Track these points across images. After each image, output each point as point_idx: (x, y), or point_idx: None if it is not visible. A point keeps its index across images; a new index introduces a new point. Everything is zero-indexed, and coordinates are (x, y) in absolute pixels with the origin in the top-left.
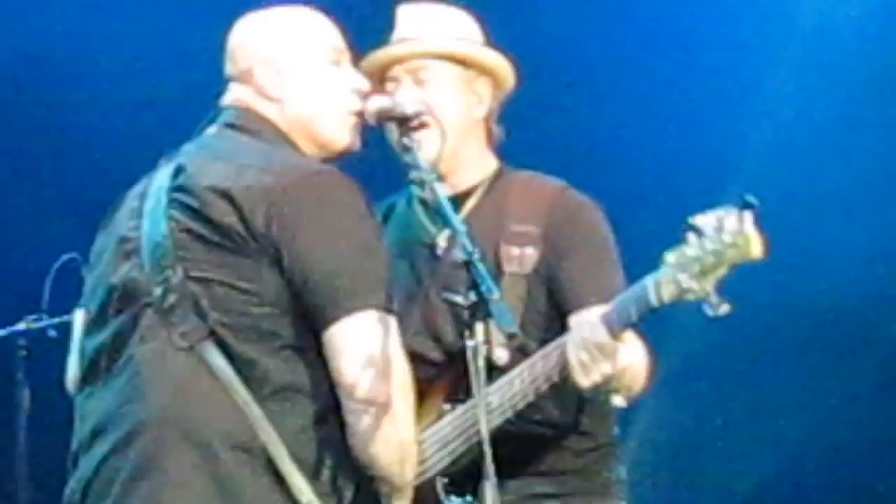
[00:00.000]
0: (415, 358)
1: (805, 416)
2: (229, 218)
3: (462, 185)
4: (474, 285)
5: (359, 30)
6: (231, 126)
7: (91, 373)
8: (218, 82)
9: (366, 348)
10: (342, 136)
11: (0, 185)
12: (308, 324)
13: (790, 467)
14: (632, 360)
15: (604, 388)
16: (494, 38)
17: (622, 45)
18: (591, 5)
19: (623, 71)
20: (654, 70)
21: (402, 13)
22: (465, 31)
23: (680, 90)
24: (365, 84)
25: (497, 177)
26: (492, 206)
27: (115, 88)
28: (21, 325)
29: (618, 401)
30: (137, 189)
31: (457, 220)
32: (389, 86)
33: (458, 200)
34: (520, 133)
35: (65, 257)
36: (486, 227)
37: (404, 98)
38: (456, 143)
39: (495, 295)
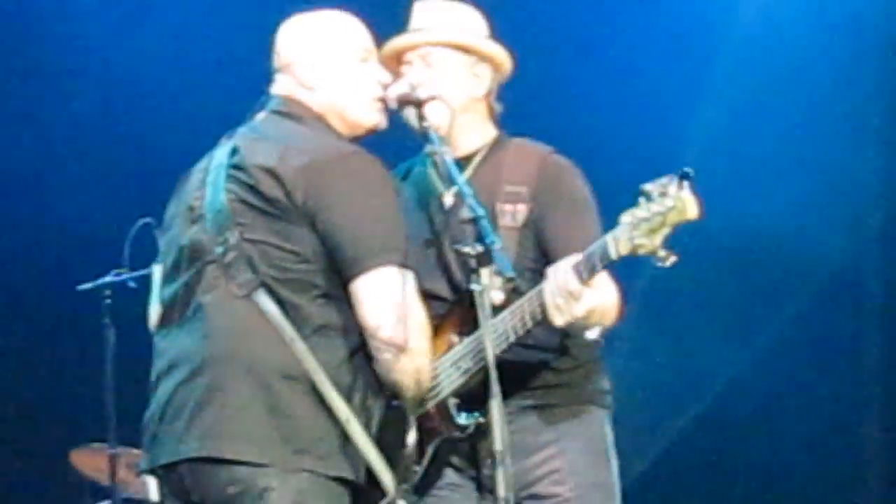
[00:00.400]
0: (430, 297)
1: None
2: (275, 192)
3: (465, 149)
4: (480, 238)
5: (383, 24)
6: (277, 112)
7: (167, 316)
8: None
9: (385, 297)
10: (369, 117)
11: (88, 162)
12: (339, 276)
13: (717, 402)
14: (601, 300)
15: (577, 325)
16: (497, 30)
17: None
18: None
19: (598, 70)
20: (621, 69)
21: (418, 8)
22: (469, 24)
23: (636, 85)
24: (387, 77)
25: (495, 143)
26: (490, 168)
27: (180, 80)
28: (107, 278)
29: (591, 334)
30: (201, 165)
31: (464, 183)
32: (404, 68)
33: (462, 163)
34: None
35: (141, 222)
36: (484, 186)
37: (418, 84)
38: (458, 114)
39: (497, 246)
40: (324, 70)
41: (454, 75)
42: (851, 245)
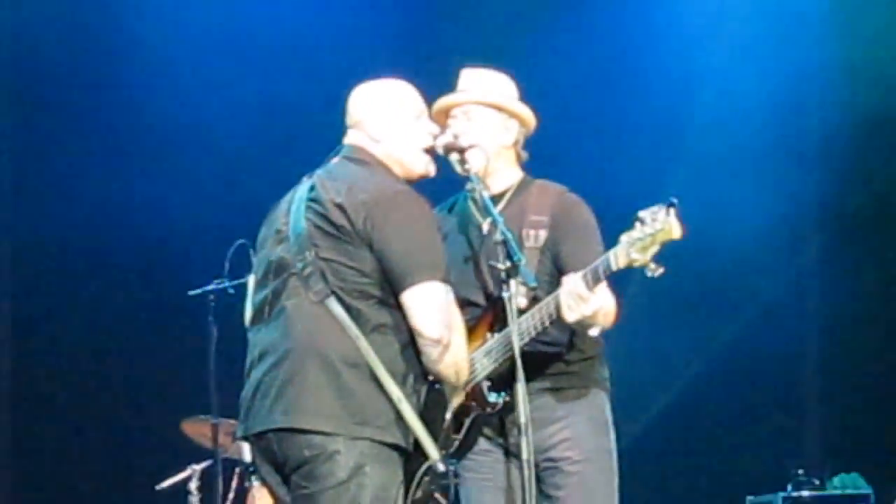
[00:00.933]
0: (469, 304)
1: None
2: (342, 220)
3: (498, 187)
4: (509, 256)
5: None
6: (347, 158)
7: (257, 316)
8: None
9: (430, 305)
10: (420, 164)
11: (201, 195)
12: (391, 287)
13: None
14: (602, 304)
15: (583, 323)
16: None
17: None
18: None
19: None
20: (617, 131)
21: (464, 73)
22: (502, 87)
23: (629, 141)
24: (436, 129)
25: (522, 183)
26: (517, 203)
27: (271, 136)
28: (211, 286)
29: (593, 332)
30: (287, 197)
31: (496, 214)
32: (450, 121)
33: (495, 198)
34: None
35: (238, 242)
36: (513, 216)
37: (461, 133)
38: (490, 159)
39: (523, 262)
40: (387, 126)
41: (489, 128)
42: (794, 265)
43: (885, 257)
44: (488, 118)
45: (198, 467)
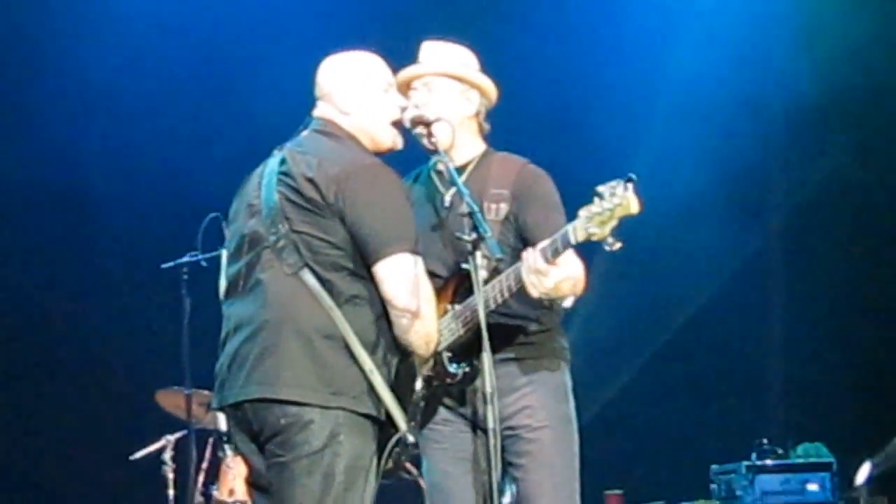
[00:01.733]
0: (431, 275)
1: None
2: (313, 194)
3: (460, 159)
4: (475, 228)
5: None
6: (317, 131)
7: (232, 289)
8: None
9: (401, 276)
10: (389, 137)
11: (173, 171)
12: (363, 259)
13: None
14: (568, 274)
15: (550, 296)
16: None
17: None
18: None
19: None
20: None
21: (424, 46)
22: (462, 59)
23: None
24: (405, 102)
25: (484, 155)
26: (479, 174)
27: (241, 110)
28: (184, 259)
29: (567, 303)
30: (257, 171)
31: (462, 186)
32: (411, 92)
33: (458, 170)
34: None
35: (211, 215)
36: (475, 189)
37: (423, 105)
38: (453, 131)
39: (488, 234)
40: (355, 99)
41: (449, 98)
42: (758, 239)
43: (847, 229)
44: (449, 89)
45: (172, 437)
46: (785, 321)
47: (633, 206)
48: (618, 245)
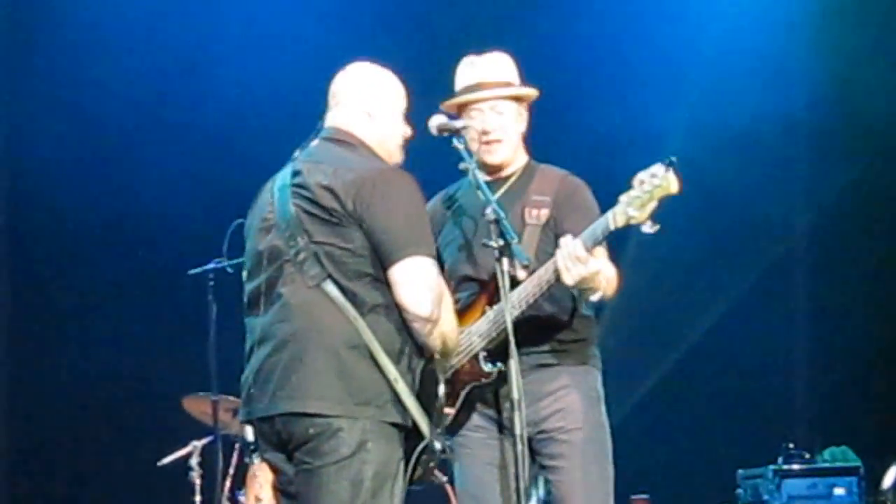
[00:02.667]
0: (468, 280)
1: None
2: (332, 203)
3: (507, 172)
4: (501, 234)
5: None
6: (328, 139)
7: (253, 304)
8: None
9: (416, 280)
10: (397, 154)
11: (196, 178)
12: (381, 264)
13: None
14: (601, 268)
15: (582, 286)
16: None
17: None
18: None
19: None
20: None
21: (479, 63)
22: (513, 74)
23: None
24: (409, 133)
25: (527, 167)
26: (522, 184)
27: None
28: (210, 265)
29: (594, 297)
30: (268, 185)
31: (489, 194)
32: (473, 113)
33: (503, 181)
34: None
35: (237, 222)
36: (518, 196)
37: (493, 129)
38: (514, 148)
39: (515, 240)
40: (381, 107)
41: (513, 119)
42: (784, 243)
43: (874, 234)
44: (512, 110)
45: (199, 443)
46: (811, 324)
47: (674, 186)
48: (656, 227)
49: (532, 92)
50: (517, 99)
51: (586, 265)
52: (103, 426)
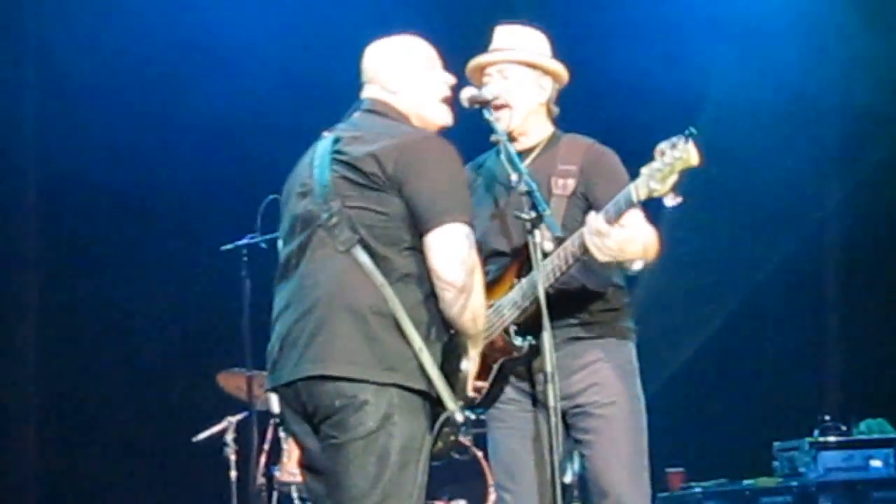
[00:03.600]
0: (498, 253)
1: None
2: (373, 168)
3: (530, 142)
4: (533, 206)
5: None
6: (367, 111)
7: (283, 270)
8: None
9: (451, 247)
10: (439, 115)
11: (233, 157)
12: (418, 228)
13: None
14: (633, 236)
15: (616, 258)
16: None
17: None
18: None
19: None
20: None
21: (498, 31)
22: (536, 45)
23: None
24: (452, 79)
25: (553, 137)
26: (548, 155)
27: (294, 97)
28: (244, 240)
29: (636, 266)
30: (309, 153)
31: (521, 165)
32: (485, 79)
33: (528, 151)
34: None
35: (270, 197)
36: (544, 167)
37: (498, 92)
38: (525, 116)
39: (547, 212)
40: (401, 78)
41: (524, 86)
42: (816, 214)
43: None
44: (523, 76)
45: (233, 419)
46: (845, 298)
47: (694, 158)
48: (678, 200)
49: (549, 63)
50: (530, 66)
51: (610, 237)
52: (138, 402)
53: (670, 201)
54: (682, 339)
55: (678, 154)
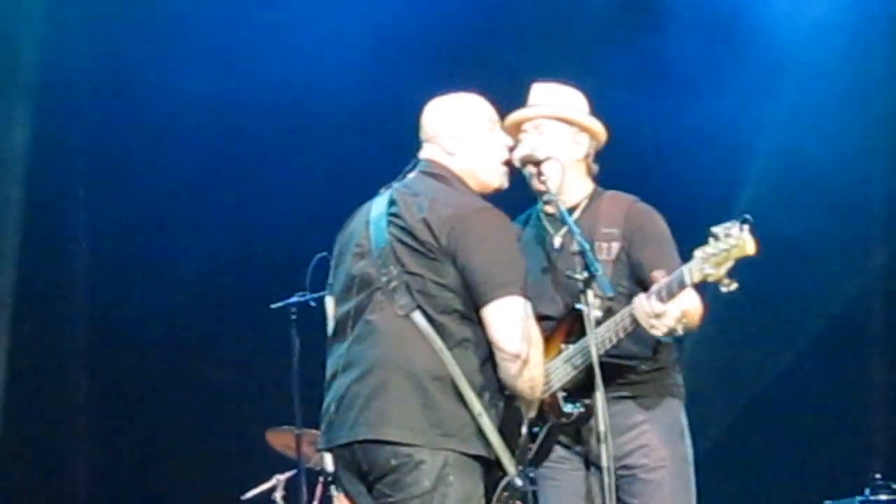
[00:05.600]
0: (543, 317)
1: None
2: (426, 236)
3: (569, 201)
4: (586, 267)
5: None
6: (424, 173)
7: (340, 330)
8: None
9: (510, 320)
10: (496, 178)
11: (278, 212)
12: (473, 301)
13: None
14: (687, 307)
15: (675, 334)
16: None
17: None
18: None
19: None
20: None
21: (535, 88)
22: (573, 102)
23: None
24: (510, 141)
25: (593, 195)
26: (589, 214)
27: (346, 155)
28: (293, 298)
29: (681, 332)
30: (363, 211)
31: (574, 224)
32: (522, 135)
33: (569, 210)
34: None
35: (319, 255)
36: (585, 228)
37: (536, 148)
38: (559, 173)
39: (600, 272)
40: (460, 140)
41: (559, 141)
42: (861, 274)
43: None
44: (559, 132)
45: (282, 477)
46: (891, 356)
47: (750, 248)
48: (734, 286)
49: (585, 119)
50: (566, 122)
51: (668, 315)
52: (188, 459)
53: (725, 287)
54: (732, 398)
55: (733, 242)
